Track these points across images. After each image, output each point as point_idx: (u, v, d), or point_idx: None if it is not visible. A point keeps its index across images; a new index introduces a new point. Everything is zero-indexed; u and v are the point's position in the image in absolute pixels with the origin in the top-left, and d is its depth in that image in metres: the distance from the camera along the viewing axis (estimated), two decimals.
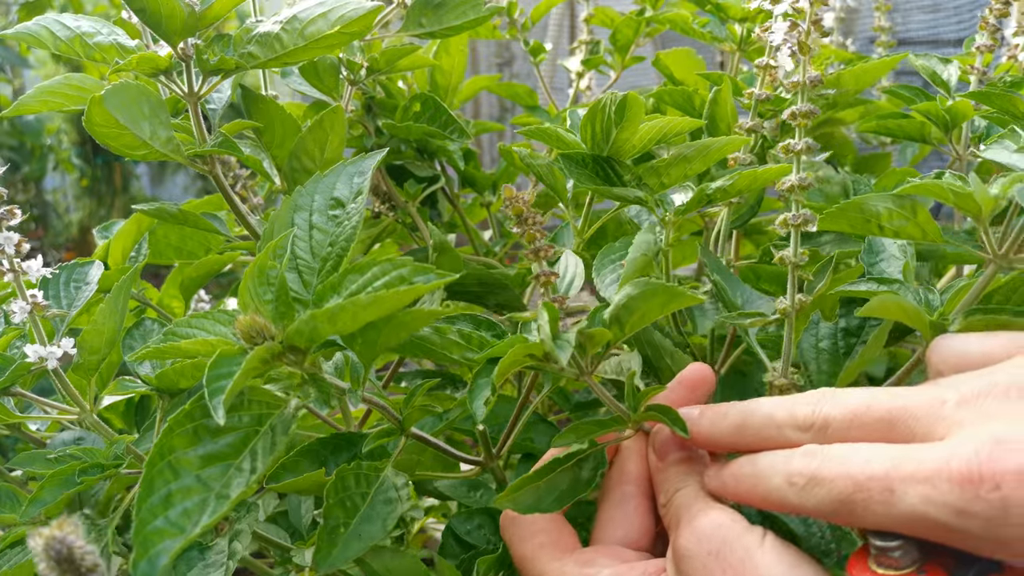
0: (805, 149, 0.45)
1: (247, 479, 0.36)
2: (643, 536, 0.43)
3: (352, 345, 0.40)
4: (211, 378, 0.35)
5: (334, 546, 0.41)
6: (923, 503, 0.31)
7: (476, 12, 0.61)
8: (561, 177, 0.56)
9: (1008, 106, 0.54)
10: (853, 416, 0.36)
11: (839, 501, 0.33)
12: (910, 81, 1.33)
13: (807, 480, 0.35)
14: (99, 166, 3.01)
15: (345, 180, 0.44)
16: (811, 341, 0.49)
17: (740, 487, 0.39)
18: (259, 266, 0.38)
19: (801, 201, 0.45)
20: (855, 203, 0.43)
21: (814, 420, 0.37)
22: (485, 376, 0.41)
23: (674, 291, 0.39)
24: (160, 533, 0.34)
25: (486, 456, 0.55)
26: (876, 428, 0.35)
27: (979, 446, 0.30)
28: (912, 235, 0.43)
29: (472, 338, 0.44)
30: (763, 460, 0.38)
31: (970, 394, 0.33)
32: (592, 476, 0.44)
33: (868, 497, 0.32)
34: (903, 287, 0.45)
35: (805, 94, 0.46)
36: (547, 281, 0.42)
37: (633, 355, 0.49)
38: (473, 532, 0.53)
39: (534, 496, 0.42)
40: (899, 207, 0.42)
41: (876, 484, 0.32)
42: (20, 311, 0.51)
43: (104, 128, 0.49)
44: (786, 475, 0.36)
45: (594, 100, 0.86)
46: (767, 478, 0.37)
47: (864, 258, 0.50)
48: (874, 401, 0.36)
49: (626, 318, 0.41)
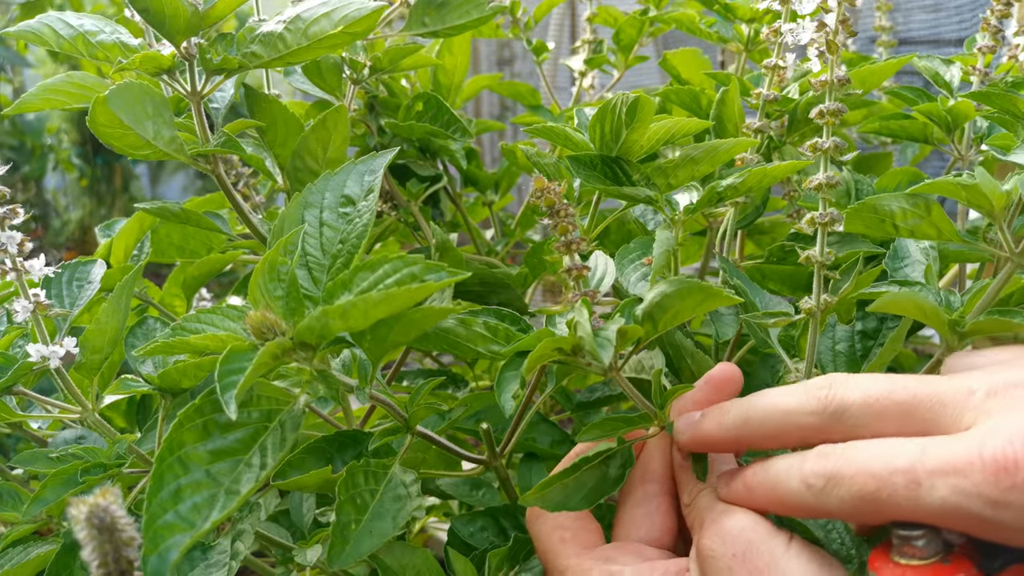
0: (833, 148, 0.45)
1: (257, 474, 0.36)
2: (665, 534, 0.43)
3: (361, 342, 0.40)
4: (222, 373, 0.35)
5: (347, 543, 0.41)
6: (954, 494, 0.30)
7: (479, 11, 0.61)
8: (567, 176, 0.56)
9: (1009, 106, 0.54)
10: (875, 401, 0.35)
11: (861, 498, 0.33)
12: (911, 81, 1.33)
13: (826, 480, 0.34)
14: (99, 165, 3.00)
15: (356, 178, 0.44)
16: (828, 344, 0.49)
17: (755, 495, 0.38)
18: (270, 262, 0.38)
19: (829, 200, 0.45)
20: (869, 203, 0.42)
21: (828, 404, 0.36)
22: (513, 369, 0.41)
23: (710, 290, 0.39)
24: (170, 528, 0.34)
25: (489, 455, 0.55)
26: (897, 415, 0.34)
27: (1013, 435, 0.29)
28: (927, 234, 0.43)
29: (499, 331, 0.43)
30: (776, 464, 0.37)
31: (1000, 385, 0.32)
32: (620, 474, 0.43)
33: (894, 492, 0.31)
34: (925, 289, 0.45)
35: (833, 93, 0.45)
36: (579, 275, 0.41)
37: (656, 353, 0.49)
38: (476, 535, 0.53)
39: (562, 494, 0.42)
40: (913, 206, 0.42)
41: (901, 478, 0.31)
42: (22, 310, 0.51)
43: (108, 128, 0.49)
44: (802, 477, 0.35)
45: (599, 99, 0.87)
46: (783, 482, 0.36)
47: (888, 263, 0.50)
48: (896, 386, 0.35)
49: (659, 316, 0.40)
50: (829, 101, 0.45)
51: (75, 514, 0.28)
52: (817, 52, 0.46)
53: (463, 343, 0.43)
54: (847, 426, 0.35)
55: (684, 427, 0.42)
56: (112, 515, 0.28)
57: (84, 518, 0.28)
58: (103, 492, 0.28)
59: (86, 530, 0.28)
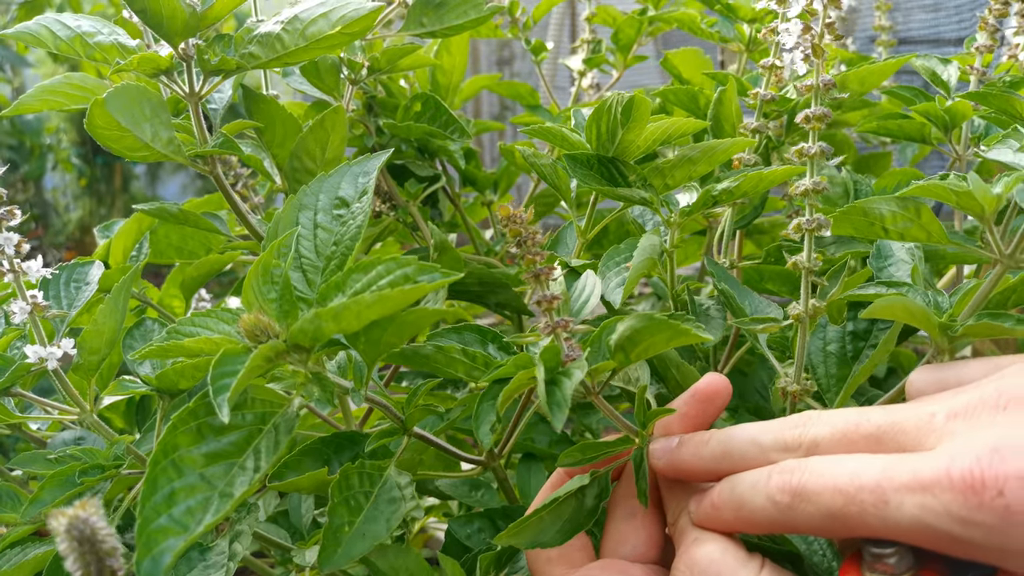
0: (819, 153, 0.45)
1: (250, 477, 0.36)
2: (651, 549, 0.43)
3: (355, 344, 0.40)
4: (215, 376, 0.35)
5: (339, 545, 0.41)
6: (923, 512, 0.30)
7: (477, 11, 0.61)
8: (565, 176, 0.56)
9: (1006, 106, 0.54)
10: (842, 435, 0.35)
11: (830, 516, 0.33)
12: (910, 80, 1.33)
13: (792, 496, 0.34)
14: (99, 165, 3.00)
15: (350, 180, 0.44)
16: (819, 344, 0.49)
17: (723, 514, 0.38)
18: (263, 265, 0.38)
19: (816, 206, 0.45)
20: (858, 207, 0.42)
21: (801, 441, 0.36)
22: (490, 400, 0.40)
23: (678, 328, 0.38)
24: (164, 531, 0.34)
25: (487, 456, 0.55)
26: (865, 445, 0.34)
27: (979, 453, 0.30)
28: (917, 237, 0.43)
29: (477, 357, 0.43)
30: (742, 482, 0.37)
31: (960, 406, 0.32)
32: (596, 504, 0.43)
33: (862, 510, 0.31)
34: (912, 290, 0.45)
35: (819, 97, 0.45)
36: (548, 307, 0.40)
37: (641, 365, 0.48)
38: (473, 536, 0.53)
39: (537, 529, 0.42)
40: (903, 209, 0.42)
41: (868, 496, 0.31)
42: (20, 312, 0.51)
43: (106, 131, 0.49)
44: (768, 494, 0.35)
45: (597, 99, 0.86)
46: (749, 500, 0.36)
47: (872, 263, 0.50)
48: (862, 419, 0.35)
49: (631, 348, 0.40)
50: (815, 106, 0.45)
51: (55, 526, 0.28)
52: (803, 55, 0.46)
53: (442, 368, 0.43)
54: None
55: (661, 453, 0.42)
56: (92, 526, 0.28)
57: (64, 530, 0.28)
58: (83, 504, 0.28)
59: (67, 542, 0.28)
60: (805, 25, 0.45)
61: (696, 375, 0.50)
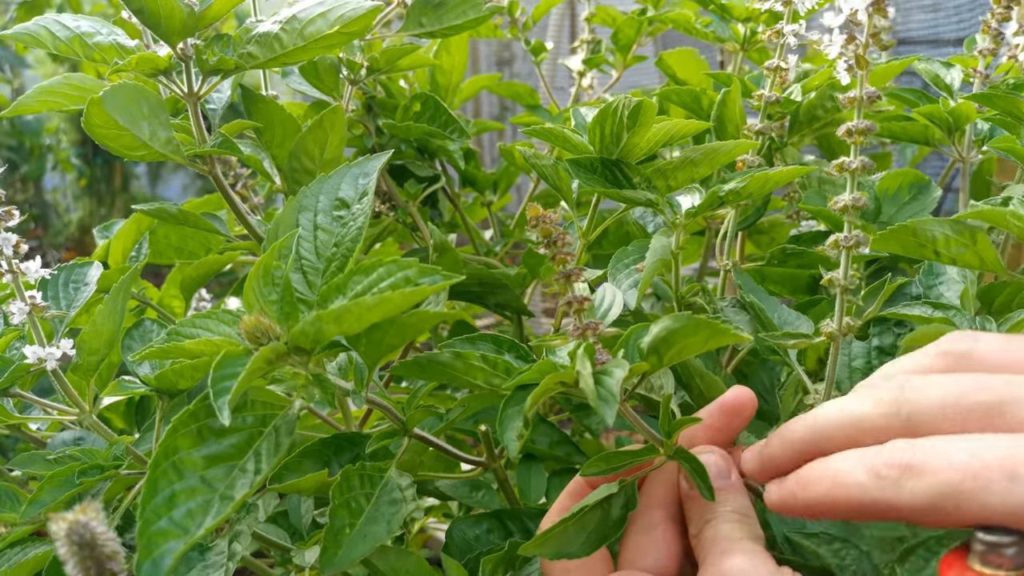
0: (860, 168, 0.43)
1: (251, 480, 0.36)
2: (671, 562, 0.42)
3: (357, 346, 0.40)
4: (216, 378, 0.35)
5: (340, 547, 0.41)
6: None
7: (476, 11, 0.61)
8: (566, 177, 0.56)
9: (1011, 108, 0.54)
10: (954, 401, 0.32)
11: (940, 492, 0.29)
12: (910, 81, 1.32)
13: (901, 471, 0.30)
14: (98, 166, 3.00)
15: (350, 181, 0.44)
16: (844, 360, 0.48)
17: (810, 491, 0.35)
18: (264, 266, 0.38)
19: (855, 222, 0.43)
20: (909, 226, 0.40)
21: (900, 405, 0.33)
22: (516, 405, 0.39)
23: (717, 328, 0.37)
24: (164, 534, 0.34)
25: (488, 456, 0.54)
26: (976, 415, 0.31)
27: None
28: (970, 263, 0.41)
29: (497, 364, 0.41)
30: (844, 457, 0.34)
31: None
32: (623, 515, 0.42)
33: (984, 486, 0.28)
34: (959, 314, 0.43)
35: (862, 110, 0.43)
36: (579, 308, 0.39)
37: (665, 372, 0.47)
38: (482, 537, 0.52)
39: (561, 540, 0.40)
40: (957, 234, 0.40)
41: (994, 472, 0.28)
42: (19, 312, 0.51)
43: (103, 129, 0.48)
44: (872, 468, 0.32)
45: (598, 99, 0.86)
46: (846, 473, 0.33)
47: (922, 279, 0.48)
48: (980, 385, 0.31)
49: (665, 351, 0.39)
50: (858, 119, 0.43)
51: (55, 530, 0.28)
52: (846, 66, 0.44)
53: (460, 376, 0.42)
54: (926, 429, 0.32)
55: (751, 455, 0.40)
56: (92, 531, 0.28)
57: (64, 534, 0.28)
58: (83, 508, 0.28)
59: (66, 546, 0.28)
60: (849, 35, 0.43)
61: (721, 385, 0.48)
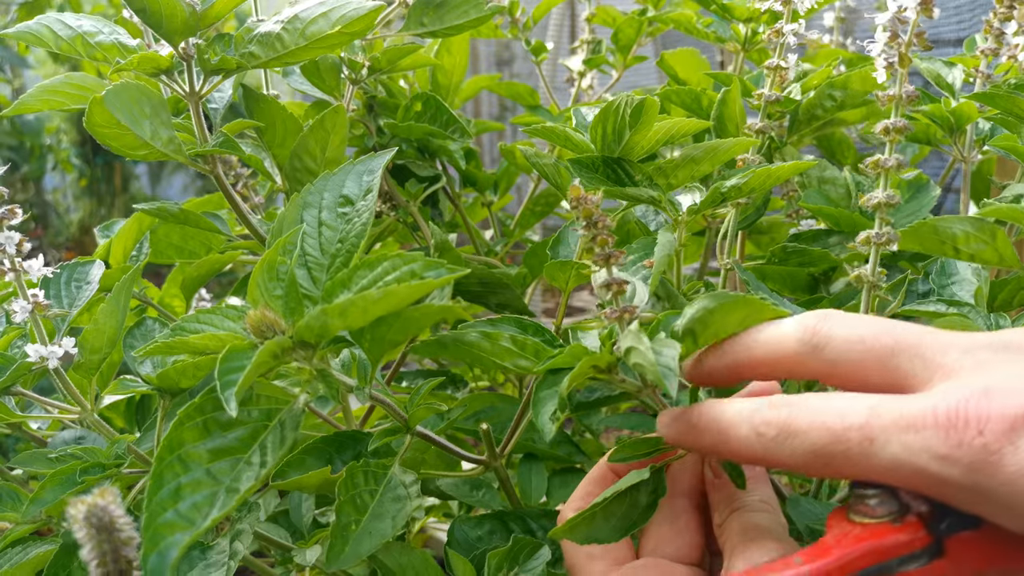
0: (896, 166, 0.43)
1: (256, 473, 0.36)
2: (694, 550, 0.42)
3: (361, 342, 0.40)
4: (222, 371, 0.35)
5: (346, 543, 0.41)
6: (904, 450, 0.30)
7: (478, 11, 0.61)
8: (567, 176, 0.56)
9: (1013, 108, 0.54)
10: (858, 340, 0.34)
11: (813, 452, 0.32)
12: (911, 81, 1.32)
13: (778, 430, 0.33)
14: (99, 166, 3.00)
15: (354, 178, 0.44)
16: None
17: (701, 437, 0.37)
18: (269, 262, 0.38)
19: (887, 220, 0.43)
20: (930, 224, 0.41)
21: (814, 334, 0.35)
22: (550, 387, 0.39)
23: (756, 304, 0.36)
24: (170, 526, 0.34)
25: (489, 455, 0.55)
26: (876, 359, 0.34)
27: (968, 394, 0.30)
28: (989, 260, 0.41)
29: (527, 345, 0.41)
30: (728, 408, 0.36)
31: (978, 345, 0.32)
32: (652, 501, 0.42)
33: (847, 448, 0.31)
34: (974, 311, 0.43)
35: (900, 108, 0.43)
36: (619, 291, 0.39)
37: None
38: (484, 538, 0.52)
39: (590, 526, 0.40)
40: (977, 231, 0.40)
41: (855, 434, 0.31)
42: (21, 310, 0.51)
43: (105, 128, 0.49)
44: (753, 425, 0.34)
45: (598, 99, 0.86)
46: (734, 427, 0.35)
47: (935, 279, 0.49)
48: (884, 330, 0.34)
49: (700, 332, 0.38)
50: (895, 117, 0.43)
51: (74, 514, 0.28)
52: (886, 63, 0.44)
53: (487, 357, 0.42)
54: (825, 361, 0.35)
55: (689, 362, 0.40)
56: (111, 515, 0.28)
57: (83, 518, 0.28)
58: (102, 492, 0.28)
59: (84, 530, 0.28)
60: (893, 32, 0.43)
61: None
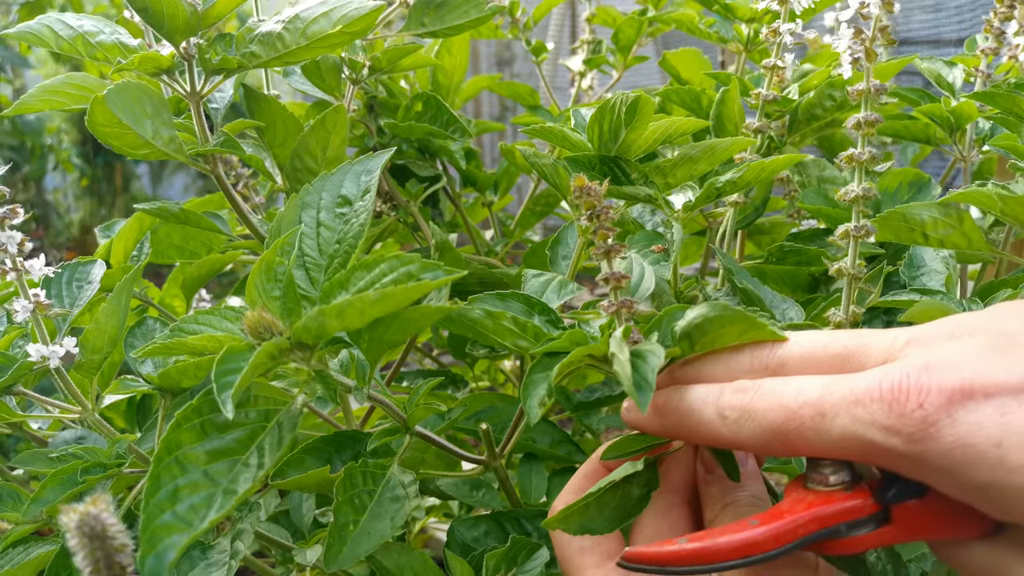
0: (870, 159, 0.44)
1: (254, 474, 0.36)
2: None
3: (359, 342, 0.40)
4: (219, 373, 0.35)
5: (344, 544, 0.41)
6: (853, 423, 0.32)
7: (478, 11, 0.61)
8: (565, 176, 0.56)
9: (1013, 107, 0.54)
10: (810, 355, 0.36)
11: (772, 431, 0.34)
12: (911, 81, 1.32)
13: (740, 414, 0.35)
14: (100, 166, 3.01)
15: (352, 178, 0.44)
16: None
17: (666, 420, 0.38)
18: (267, 263, 0.38)
19: (865, 212, 0.44)
20: (899, 212, 0.42)
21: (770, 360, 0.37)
22: (542, 371, 0.39)
23: (754, 322, 0.37)
24: (168, 528, 0.34)
25: (489, 455, 0.55)
26: (830, 365, 0.35)
27: (910, 369, 0.31)
28: (957, 244, 0.42)
29: (527, 327, 0.41)
30: (692, 392, 0.37)
31: (920, 334, 0.34)
32: (644, 494, 0.42)
33: (801, 424, 0.33)
34: (946, 298, 0.44)
35: (870, 102, 0.44)
36: (617, 285, 0.39)
37: None
38: (480, 539, 0.52)
39: (583, 517, 0.41)
40: (944, 216, 0.41)
41: (808, 410, 0.33)
42: (22, 310, 0.51)
43: (106, 128, 0.49)
44: (718, 408, 0.36)
45: (598, 99, 0.86)
46: (697, 411, 0.37)
47: (905, 271, 0.50)
48: (832, 340, 0.36)
49: (698, 337, 0.39)
50: (865, 111, 0.44)
51: (66, 522, 0.28)
52: (851, 59, 0.45)
53: (488, 334, 0.42)
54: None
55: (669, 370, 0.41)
56: (103, 522, 0.28)
57: (75, 526, 0.28)
58: (94, 500, 0.28)
59: (77, 538, 0.28)
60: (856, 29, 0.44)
61: None
